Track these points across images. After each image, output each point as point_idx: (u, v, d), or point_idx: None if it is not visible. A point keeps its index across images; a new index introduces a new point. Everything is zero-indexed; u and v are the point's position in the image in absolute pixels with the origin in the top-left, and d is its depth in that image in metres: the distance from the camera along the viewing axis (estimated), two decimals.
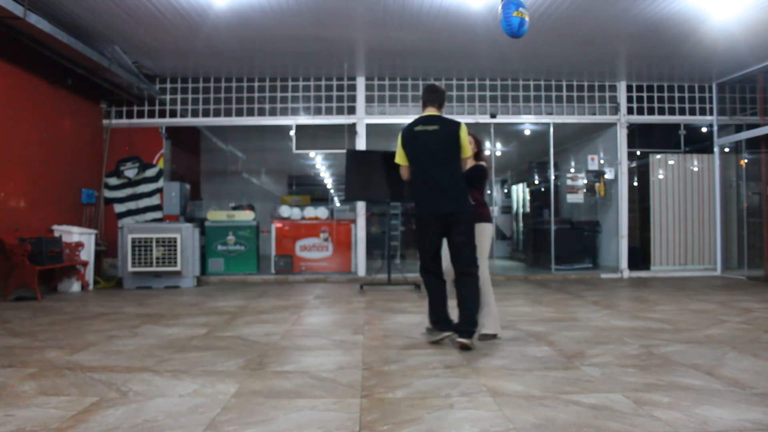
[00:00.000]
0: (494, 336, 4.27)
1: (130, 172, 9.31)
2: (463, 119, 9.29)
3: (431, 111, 4.21)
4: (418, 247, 4.24)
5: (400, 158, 4.24)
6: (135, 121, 9.36)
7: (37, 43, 6.68)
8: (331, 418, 2.57)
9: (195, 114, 9.42)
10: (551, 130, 9.73)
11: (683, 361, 3.58)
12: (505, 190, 15.69)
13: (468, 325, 3.94)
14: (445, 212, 4.01)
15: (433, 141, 4.07)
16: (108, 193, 9.27)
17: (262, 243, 9.94)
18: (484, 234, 4.37)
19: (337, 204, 14.87)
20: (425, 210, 4.08)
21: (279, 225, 9.65)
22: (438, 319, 4.13)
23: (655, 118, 9.66)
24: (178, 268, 8.12)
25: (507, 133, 11.21)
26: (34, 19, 6.08)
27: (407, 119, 9.36)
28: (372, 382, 3.16)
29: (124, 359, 3.73)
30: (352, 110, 9.40)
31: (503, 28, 4.90)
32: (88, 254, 7.84)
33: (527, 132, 10.92)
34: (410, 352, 3.91)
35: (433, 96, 4.22)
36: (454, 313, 4.09)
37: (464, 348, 3.89)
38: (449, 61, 8.69)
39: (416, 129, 4.15)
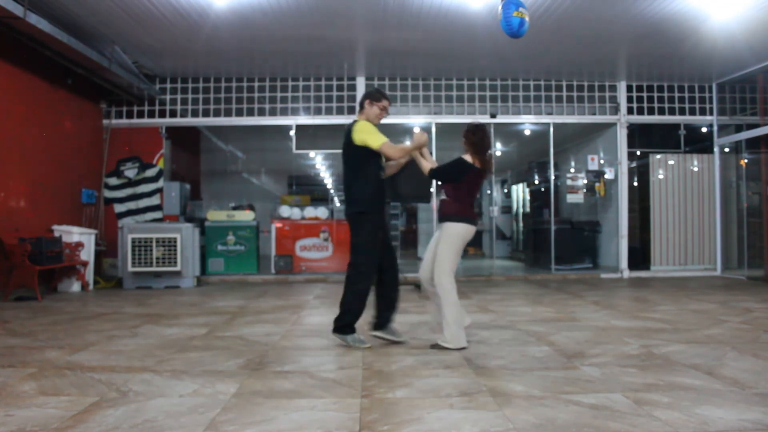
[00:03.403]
0: (445, 347, 3.96)
1: (130, 172, 9.30)
2: (463, 119, 9.40)
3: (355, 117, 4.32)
4: None
5: None
6: (135, 121, 9.35)
7: (37, 43, 6.68)
8: (331, 418, 2.57)
9: (195, 114, 9.42)
10: (551, 130, 9.73)
11: (683, 361, 3.58)
12: (505, 190, 15.69)
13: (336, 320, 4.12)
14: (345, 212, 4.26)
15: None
16: (108, 193, 9.26)
17: (262, 243, 9.93)
18: (447, 233, 4.08)
19: (337, 204, 14.85)
20: None
21: (279, 225, 9.65)
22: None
23: (655, 118, 9.66)
24: (178, 268, 8.12)
25: (507, 133, 11.21)
26: (34, 19, 6.07)
27: (407, 119, 9.51)
28: (372, 382, 3.16)
29: (124, 359, 3.73)
30: (352, 110, 9.39)
31: (503, 28, 4.90)
32: (88, 254, 7.84)
33: (527, 132, 10.92)
34: (410, 352, 3.91)
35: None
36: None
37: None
38: (449, 61, 8.69)
39: None
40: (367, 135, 4.06)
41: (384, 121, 10.07)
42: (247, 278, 9.21)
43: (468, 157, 4.12)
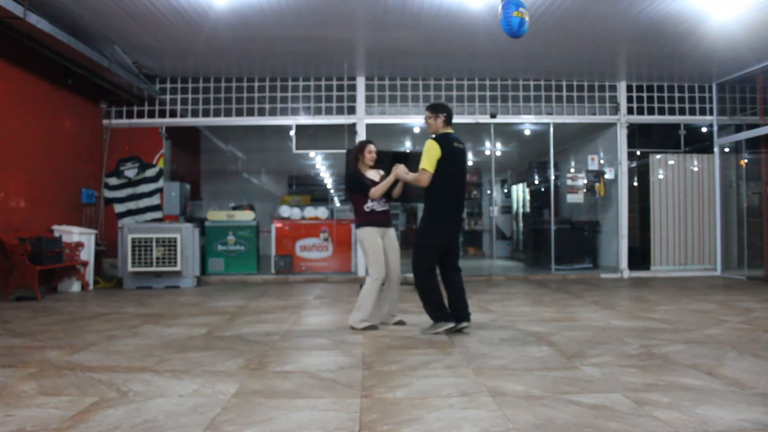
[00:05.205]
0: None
1: (130, 172, 9.31)
2: (463, 119, 9.42)
3: (451, 130, 4.69)
4: (433, 249, 4.55)
5: (431, 166, 4.48)
6: (135, 121, 9.35)
7: (37, 43, 6.68)
8: (331, 418, 2.57)
9: (195, 114, 9.42)
10: (551, 130, 9.73)
11: (683, 361, 3.58)
12: (505, 190, 15.68)
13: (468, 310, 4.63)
14: (461, 220, 4.83)
15: (464, 159, 4.74)
16: (108, 193, 9.27)
17: (262, 243, 9.93)
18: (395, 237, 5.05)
19: (337, 204, 14.87)
20: (453, 218, 4.62)
21: (279, 225, 9.65)
22: (446, 311, 4.55)
23: (655, 118, 9.66)
24: (178, 268, 8.12)
25: (507, 133, 11.20)
26: (34, 19, 6.08)
27: (407, 119, 9.51)
28: (372, 382, 3.16)
29: (124, 359, 3.73)
30: (352, 110, 9.40)
31: (503, 28, 4.91)
32: (88, 254, 7.84)
33: (527, 132, 10.91)
34: (410, 352, 3.91)
35: (451, 116, 4.73)
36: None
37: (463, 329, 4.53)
38: (449, 61, 8.69)
39: (456, 146, 4.59)
40: None
41: (384, 121, 10.17)
42: (247, 278, 9.21)
43: None
